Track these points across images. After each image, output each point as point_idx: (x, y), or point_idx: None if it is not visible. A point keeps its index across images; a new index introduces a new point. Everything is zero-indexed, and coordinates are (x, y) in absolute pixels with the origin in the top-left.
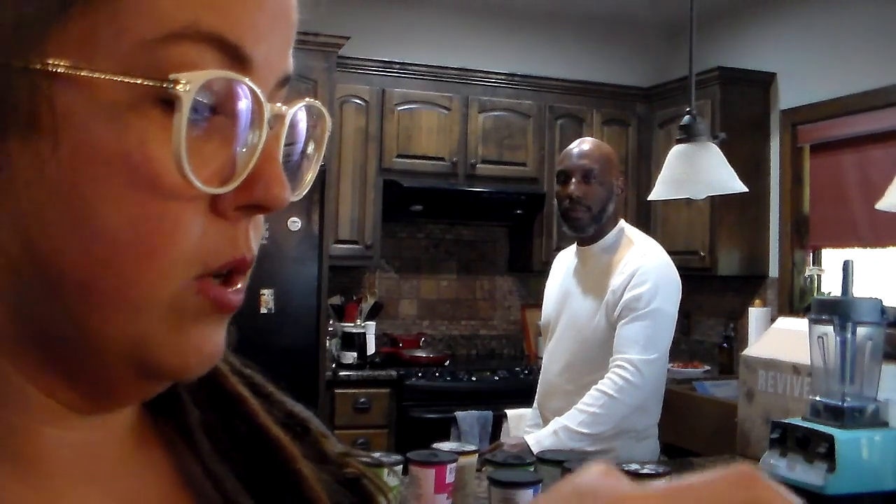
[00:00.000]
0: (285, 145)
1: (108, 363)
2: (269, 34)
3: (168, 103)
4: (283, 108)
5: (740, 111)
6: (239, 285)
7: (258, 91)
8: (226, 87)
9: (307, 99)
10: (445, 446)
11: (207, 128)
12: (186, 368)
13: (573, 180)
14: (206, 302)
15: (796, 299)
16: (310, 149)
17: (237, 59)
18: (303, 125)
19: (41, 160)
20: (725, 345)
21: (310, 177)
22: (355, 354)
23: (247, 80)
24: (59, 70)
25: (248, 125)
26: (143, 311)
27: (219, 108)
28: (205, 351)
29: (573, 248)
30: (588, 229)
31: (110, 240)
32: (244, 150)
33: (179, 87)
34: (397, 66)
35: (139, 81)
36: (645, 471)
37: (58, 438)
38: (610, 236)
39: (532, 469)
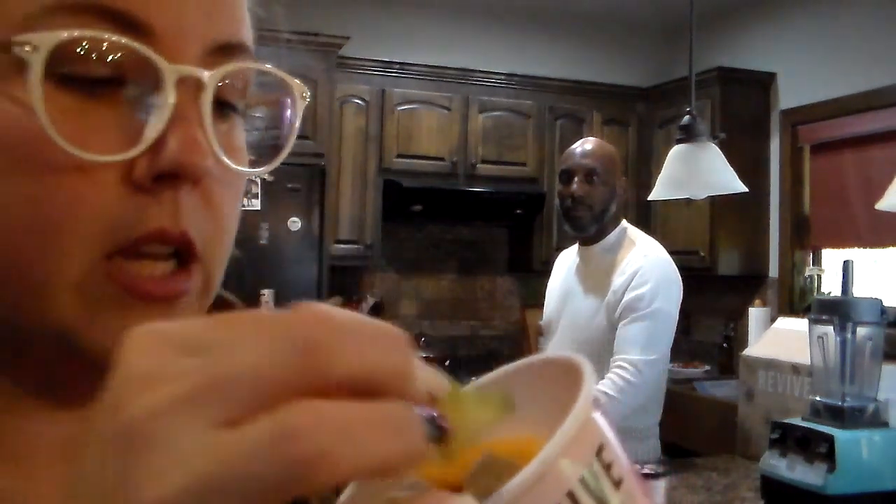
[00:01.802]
0: (235, 112)
1: (44, 351)
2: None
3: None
4: (199, 71)
5: (740, 111)
6: (189, 272)
7: (146, 52)
8: (117, 53)
9: (252, 63)
10: None
11: (100, 94)
12: None
13: (576, 180)
14: (119, 288)
15: (796, 299)
16: (274, 118)
17: (131, 26)
18: (271, 96)
19: None
20: (725, 345)
21: (284, 150)
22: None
23: (123, 39)
24: None
25: (151, 90)
26: (51, 296)
27: (116, 76)
28: None
29: (575, 247)
30: (589, 229)
31: (5, 223)
32: (151, 116)
33: (27, 50)
34: (397, 66)
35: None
36: (645, 470)
37: (40, 434)
38: (612, 236)
39: None
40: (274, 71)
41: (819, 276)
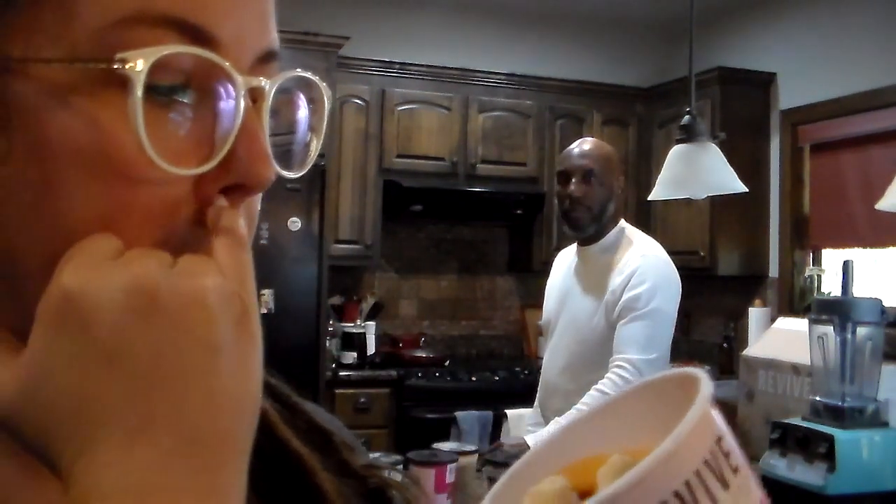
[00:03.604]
0: (279, 121)
1: None
2: (235, 10)
3: (125, 86)
4: (263, 81)
5: (740, 111)
6: None
7: (225, 64)
8: (192, 64)
9: (297, 70)
10: (445, 446)
11: (178, 108)
12: None
13: (573, 180)
14: None
15: (796, 299)
16: (309, 124)
17: (199, 38)
18: (300, 100)
19: (3, 158)
20: (725, 345)
21: (312, 154)
22: (355, 354)
23: (209, 53)
24: (8, 64)
25: (222, 102)
26: None
27: (188, 88)
28: None
29: (573, 247)
30: (588, 229)
31: (77, 234)
32: (222, 127)
33: (129, 67)
34: (397, 66)
35: (89, 66)
36: None
37: None
38: (610, 236)
39: None
40: (310, 76)
41: (819, 276)
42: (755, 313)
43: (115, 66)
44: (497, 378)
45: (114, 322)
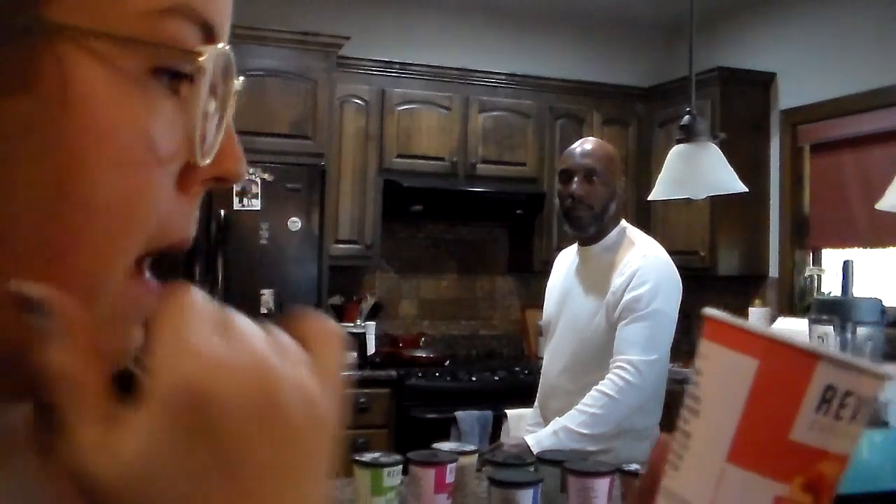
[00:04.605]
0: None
1: None
2: (227, 14)
3: (174, 76)
4: (239, 81)
5: (740, 111)
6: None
7: (234, 66)
8: (213, 61)
9: (244, 75)
10: (445, 446)
11: (180, 100)
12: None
13: (575, 179)
14: (135, 301)
15: (796, 299)
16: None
17: (209, 35)
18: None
19: (30, 122)
20: None
21: (219, 139)
22: (355, 354)
23: (232, 55)
24: (57, 29)
25: (215, 98)
26: (98, 292)
27: (189, 76)
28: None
29: (574, 247)
30: (589, 229)
31: (90, 213)
32: (214, 122)
33: (202, 60)
34: (397, 66)
35: (149, 49)
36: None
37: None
38: (611, 236)
39: (532, 469)
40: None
41: (819, 276)
42: (755, 313)
43: (190, 57)
44: (497, 378)
45: (241, 432)
